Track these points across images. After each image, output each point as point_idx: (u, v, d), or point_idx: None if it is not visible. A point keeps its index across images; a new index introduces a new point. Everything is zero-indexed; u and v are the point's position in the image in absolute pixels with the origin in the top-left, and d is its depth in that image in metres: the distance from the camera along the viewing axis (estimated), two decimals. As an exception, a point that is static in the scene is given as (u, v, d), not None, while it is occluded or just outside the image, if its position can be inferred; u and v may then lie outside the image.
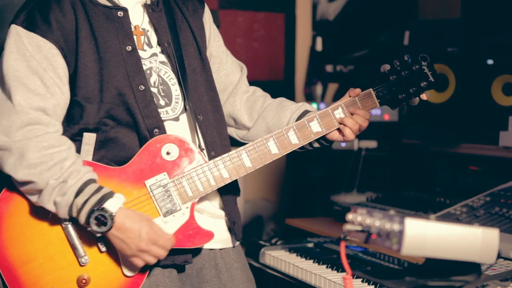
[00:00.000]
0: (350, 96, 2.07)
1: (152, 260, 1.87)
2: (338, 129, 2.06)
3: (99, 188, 1.83)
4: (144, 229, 1.83)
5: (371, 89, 2.07)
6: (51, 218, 1.89)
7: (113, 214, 1.80)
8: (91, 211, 1.80)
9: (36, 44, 1.88)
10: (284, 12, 4.29)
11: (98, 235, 1.84)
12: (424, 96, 2.08)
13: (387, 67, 2.08)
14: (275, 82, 4.26)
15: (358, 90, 2.06)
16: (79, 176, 1.83)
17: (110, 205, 1.81)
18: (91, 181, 1.84)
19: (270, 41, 4.25)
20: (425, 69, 2.05)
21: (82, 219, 1.82)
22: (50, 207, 1.84)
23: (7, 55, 1.88)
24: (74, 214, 1.82)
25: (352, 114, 2.05)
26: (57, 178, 1.82)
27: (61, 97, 1.90)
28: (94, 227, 1.80)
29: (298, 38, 4.34)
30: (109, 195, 1.83)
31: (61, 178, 1.82)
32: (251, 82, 2.31)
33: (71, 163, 1.84)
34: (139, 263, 1.87)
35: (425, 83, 2.05)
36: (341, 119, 2.04)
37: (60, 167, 1.83)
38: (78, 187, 1.81)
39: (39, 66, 1.87)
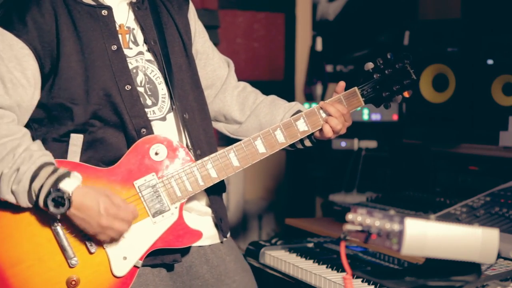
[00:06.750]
0: (336, 93, 2.09)
1: (116, 236, 1.85)
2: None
3: (55, 170, 1.80)
4: (103, 205, 1.80)
5: (356, 87, 2.08)
6: (40, 219, 1.86)
7: (70, 194, 1.78)
8: (48, 193, 1.78)
9: (8, 42, 1.86)
10: (284, 12, 4.28)
11: (58, 216, 1.81)
12: (406, 94, 2.10)
13: (370, 65, 2.09)
14: (275, 82, 4.25)
15: (342, 83, 2.08)
16: (32, 160, 1.80)
17: (66, 185, 1.78)
18: (46, 164, 1.81)
19: (270, 41, 4.24)
20: (407, 67, 2.07)
21: (41, 202, 1.79)
22: (10, 197, 1.81)
23: None
24: (34, 199, 1.80)
25: None
26: (11, 167, 1.80)
27: (24, 98, 1.88)
28: (52, 209, 1.78)
29: (298, 38, 4.34)
30: (65, 175, 1.80)
31: (14, 166, 1.80)
32: (251, 82, 2.31)
33: (23, 150, 1.81)
34: (105, 239, 1.85)
35: (408, 81, 2.07)
36: (326, 118, 2.05)
37: (13, 155, 1.80)
38: (32, 172, 1.79)
39: (3, 65, 1.85)
